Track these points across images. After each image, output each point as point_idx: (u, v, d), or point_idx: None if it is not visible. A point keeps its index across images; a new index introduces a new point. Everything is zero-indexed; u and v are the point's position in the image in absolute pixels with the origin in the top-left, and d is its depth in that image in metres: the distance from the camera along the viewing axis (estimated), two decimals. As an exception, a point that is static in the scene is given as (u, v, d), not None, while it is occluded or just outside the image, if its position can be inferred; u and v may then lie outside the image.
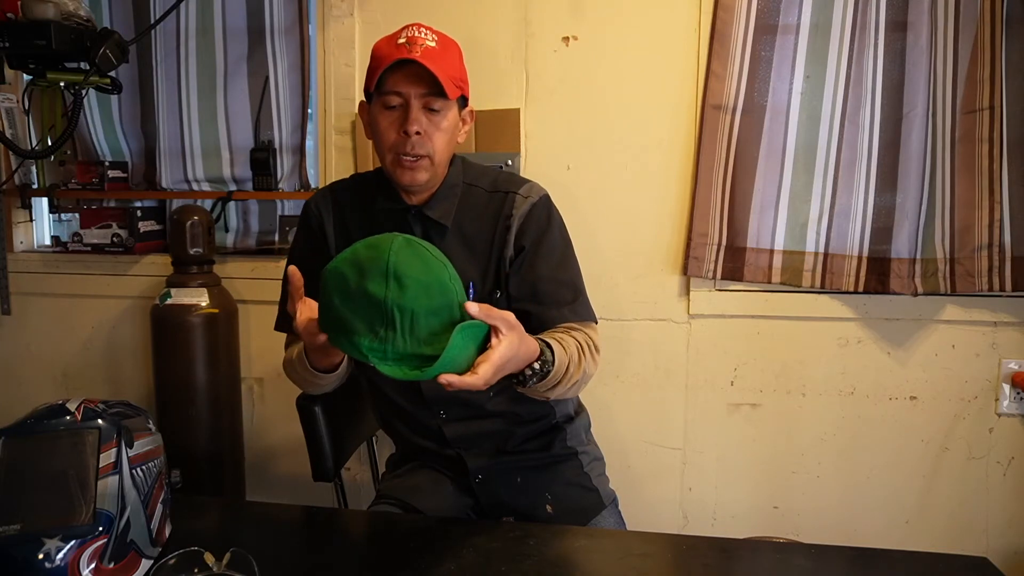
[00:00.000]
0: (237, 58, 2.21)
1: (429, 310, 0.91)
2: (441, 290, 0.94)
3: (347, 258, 0.95)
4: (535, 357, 1.07)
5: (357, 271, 0.92)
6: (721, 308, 1.98)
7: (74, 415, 0.99)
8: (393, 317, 0.90)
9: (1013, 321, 1.88)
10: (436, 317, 0.92)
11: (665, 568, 1.09)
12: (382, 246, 0.93)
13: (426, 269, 0.93)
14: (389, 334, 0.90)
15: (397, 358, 0.91)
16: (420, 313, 0.91)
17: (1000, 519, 1.94)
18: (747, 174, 1.90)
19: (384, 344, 0.90)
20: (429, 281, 0.93)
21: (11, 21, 1.47)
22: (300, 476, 2.05)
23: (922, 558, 1.07)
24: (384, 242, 0.94)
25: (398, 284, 0.90)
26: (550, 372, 1.10)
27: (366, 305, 0.90)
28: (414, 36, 1.23)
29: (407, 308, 0.90)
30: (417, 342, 0.91)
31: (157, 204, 2.36)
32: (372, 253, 0.93)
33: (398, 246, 0.93)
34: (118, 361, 2.32)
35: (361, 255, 0.93)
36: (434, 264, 0.95)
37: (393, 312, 0.90)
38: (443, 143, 1.25)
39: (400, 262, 0.91)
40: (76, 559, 0.89)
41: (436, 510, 1.36)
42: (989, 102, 1.75)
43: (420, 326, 0.91)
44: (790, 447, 2.01)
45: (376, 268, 0.91)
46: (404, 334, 0.90)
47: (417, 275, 0.92)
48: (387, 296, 0.90)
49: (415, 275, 0.91)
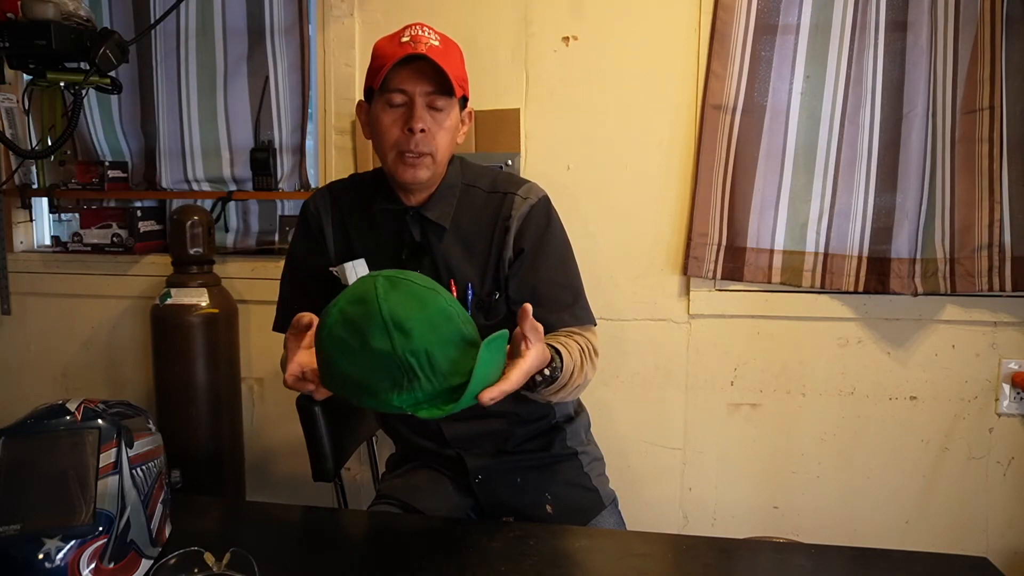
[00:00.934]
0: (237, 58, 2.21)
1: (441, 343, 0.89)
2: (444, 319, 0.91)
3: (338, 320, 0.90)
4: (547, 363, 1.07)
5: (355, 333, 0.88)
6: (721, 308, 1.98)
7: (74, 415, 0.99)
8: (411, 365, 0.87)
9: (1013, 321, 1.88)
10: (450, 346, 0.90)
11: (665, 568, 1.09)
12: (368, 298, 0.88)
13: (421, 305, 0.90)
14: (414, 382, 0.87)
15: (428, 399, 0.89)
16: (434, 350, 0.88)
17: (1000, 519, 1.95)
18: (747, 174, 1.90)
19: (412, 393, 0.88)
20: (429, 316, 0.89)
21: (11, 21, 1.47)
22: (300, 476, 2.05)
23: (922, 558, 1.07)
24: (368, 292, 0.89)
25: (402, 332, 0.86)
26: (558, 378, 1.10)
27: (380, 363, 0.87)
28: (418, 35, 1.23)
29: (420, 351, 0.87)
30: (442, 378, 0.89)
31: (157, 204, 2.36)
32: (362, 308, 0.88)
33: (384, 292, 0.89)
34: (118, 361, 2.32)
35: (351, 314, 0.89)
36: (426, 295, 0.92)
37: (409, 361, 0.87)
38: (445, 142, 1.25)
39: (394, 309, 0.87)
40: (76, 559, 0.89)
41: (436, 510, 1.36)
42: (989, 102, 1.76)
43: (439, 362, 0.88)
44: (790, 447, 2.01)
45: (374, 324, 0.87)
46: (428, 375, 0.88)
47: (416, 315, 0.88)
48: (395, 348, 0.86)
49: (415, 316, 0.88)
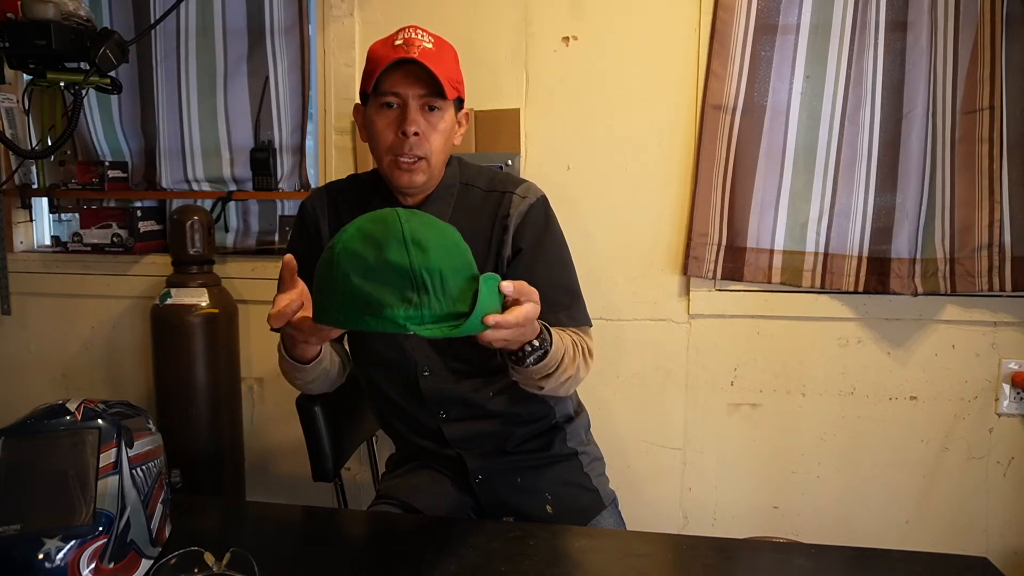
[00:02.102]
0: (237, 58, 2.21)
1: (454, 269, 0.92)
2: (458, 249, 0.95)
3: (355, 235, 0.92)
4: (537, 334, 1.09)
5: (372, 245, 0.90)
6: (721, 308, 1.98)
7: (74, 415, 0.99)
8: (424, 280, 0.89)
9: (1013, 321, 1.88)
10: (460, 275, 0.92)
11: (665, 568, 1.09)
12: (389, 218, 0.92)
13: (439, 232, 0.94)
14: (424, 298, 0.89)
15: (434, 320, 0.90)
16: (447, 272, 0.90)
17: (1000, 519, 1.95)
18: (747, 174, 1.90)
19: (420, 309, 0.89)
20: (446, 242, 0.93)
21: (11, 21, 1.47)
22: (300, 476, 2.05)
23: (922, 558, 1.07)
24: (389, 214, 0.93)
25: (419, 248, 0.89)
26: (548, 353, 1.11)
27: (393, 275, 0.88)
28: (411, 38, 1.23)
29: (435, 269, 0.89)
30: (451, 300, 0.91)
31: (157, 204, 2.36)
32: (382, 226, 0.91)
33: (406, 215, 0.92)
34: (118, 361, 2.32)
35: (370, 229, 0.92)
36: (444, 227, 0.97)
37: (423, 275, 0.88)
38: (440, 144, 1.26)
39: (414, 228, 0.90)
40: (76, 559, 0.89)
41: (436, 510, 1.36)
42: (989, 102, 1.76)
43: (450, 284, 0.91)
44: (790, 447, 2.01)
45: (393, 237, 0.89)
46: (438, 294, 0.90)
47: (434, 238, 0.92)
48: (413, 262, 0.88)
49: (433, 238, 0.91)
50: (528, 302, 0.99)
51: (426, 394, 1.33)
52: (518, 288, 0.98)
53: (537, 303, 1.01)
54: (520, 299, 0.98)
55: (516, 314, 0.96)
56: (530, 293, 1.00)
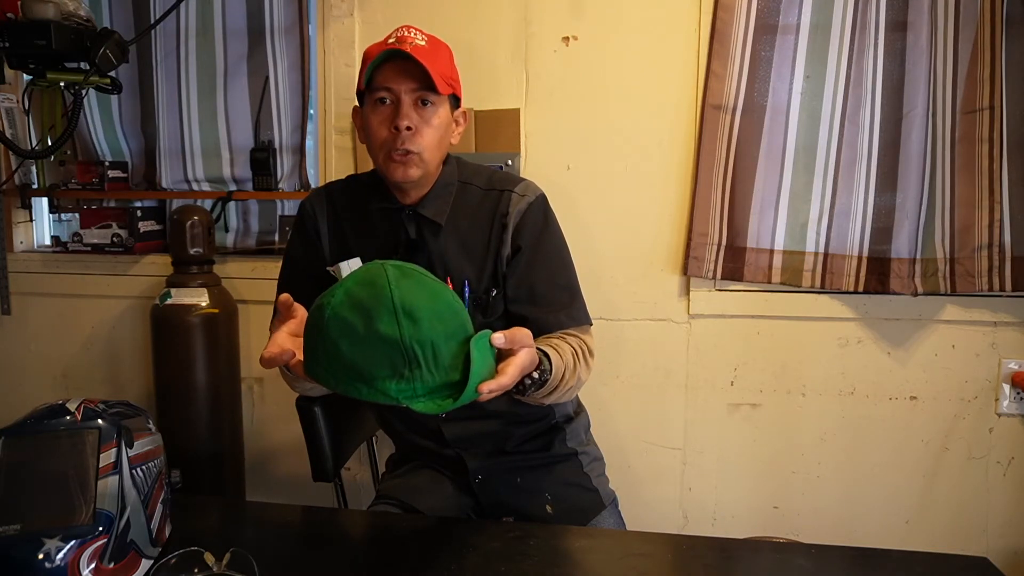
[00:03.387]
0: (237, 58, 2.20)
1: (446, 336, 0.88)
2: (451, 313, 0.91)
3: (343, 302, 0.88)
4: (536, 366, 1.07)
5: (362, 315, 0.86)
6: (721, 308, 1.98)
7: (74, 415, 0.99)
8: (416, 354, 0.86)
9: (1013, 321, 1.88)
10: (454, 340, 0.89)
11: (665, 568, 1.09)
12: (379, 282, 0.88)
13: (431, 296, 0.90)
14: (416, 372, 0.86)
15: (426, 392, 0.88)
16: (440, 342, 0.87)
17: (1000, 519, 1.94)
18: (747, 174, 1.90)
19: (412, 383, 0.86)
20: (438, 307, 0.89)
21: (11, 21, 1.47)
22: (300, 476, 2.05)
23: (922, 558, 1.07)
24: (378, 277, 0.88)
25: (410, 319, 0.86)
26: (547, 381, 1.10)
27: (383, 349, 0.85)
28: (403, 35, 1.23)
29: (426, 341, 0.86)
30: (444, 371, 0.88)
31: (157, 204, 2.36)
32: (371, 291, 0.87)
33: (395, 278, 0.88)
34: (118, 361, 2.32)
35: (359, 295, 0.87)
36: (436, 288, 0.92)
37: (414, 349, 0.85)
38: (434, 140, 1.25)
39: (405, 295, 0.87)
40: (76, 559, 0.89)
41: (436, 510, 1.36)
42: (989, 102, 1.75)
43: (442, 355, 0.88)
44: (790, 447, 2.01)
45: (383, 307, 0.86)
46: (430, 368, 0.87)
47: (426, 304, 0.88)
48: (403, 335, 0.85)
49: (424, 305, 0.87)
50: (522, 349, 0.97)
51: (426, 394, 1.33)
52: (510, 338, 0.95)
53: (532, 347, 0.99)
54: (514, 348, 0.96)
55: (509, 374, 0.94)
56: (523, 339, 0.97)
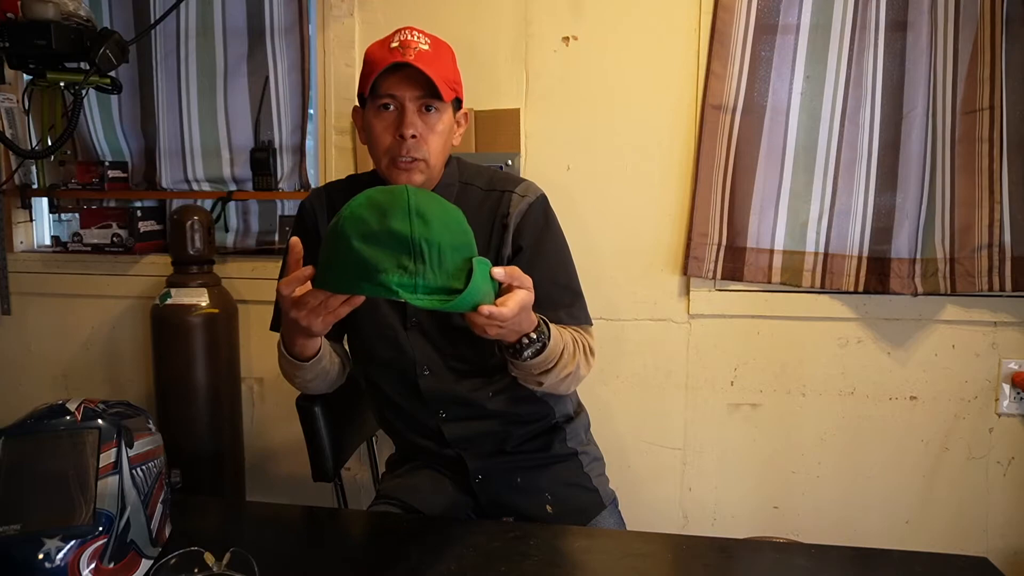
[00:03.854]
0: (237, 58, 2.21)
1: (453, 246, 0.93)
2: (461, 229, 0.96)
3: (362, 203, 0.94)
4: (534, 327, 1.10)
5: (377, 212, 0.91)
6: (721, 308, 1.98)
7: (74, 415, 0.99)
8: (422, 250, 0.90)
9: (1013, 321, 1.88)
10: (459, 253, 0.94)
11: (665, 568, 1.09)
12: (397, 190, 0.94)
13: (444, 210, 0.95)
14: (419, 267, 0.90)
15: (426, 291, 0.91)
16: (446, 248, 0.92)
17: (1000, 519, 1.94)
18: (747, 174, 1.90)
19: (414, 278, 0.90)
20: (449, 220, 0.94)
21: (11, 21, 1.47)
22: (300, 476, 2.05)
23: (922, 558, 1.07)
24: (398, 188, 0.95)
25: (422, 220, 0.91)
26: (546, 346, 1.12)
27: (392, 242, 0.90)
28: (407, 39, 1.23)
29: (434, 242, 0.91)
30: (446, 275, 0.92)
31: (157, 204, 2.36)
32: (389, 196, 0.93)
33: (414, 190, 0.94)
34: (118, 361, 2.32)
35: (378, 198, 0.93)
36: (451, 208, 0.98)
37: (421, 245, 0.90)
38: (438, 145, 1.26)
39: (420, 202, 0.92)
40: (76, 559, 0.89)
41: (436, 510, 1.36)
42: (989, 102, 1.75)
43: (447, 260, 0.92)
44: (790, 447, 2.01)
45: (398, 207, 0.91)
46: (433, 267, 0.91)
47: (438, 213, 0.93)
48: (413, 231, 0.90)
49: (436, 213, 0.93)
50: (520, 288, 1.00)
51: (425, 394, 1.33)
52: (509, 273, 0.99)
53: (530, 289, 1.02)
54: (512, 284, 1.00)
55: (510, 305, 0.98)
56: (522, 279, 1.01)
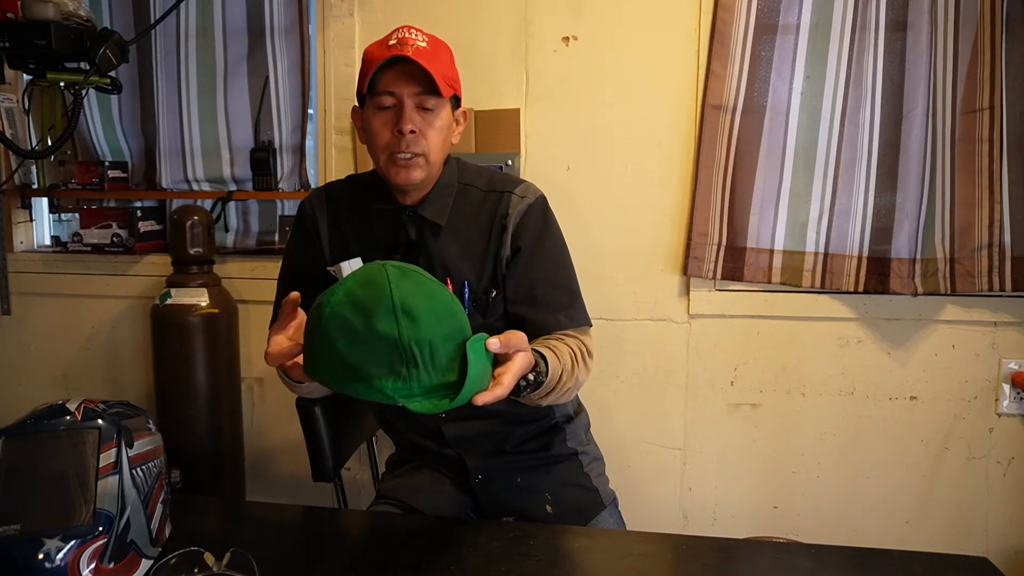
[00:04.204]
0: (237, 58, 2.21)
1: (444, 336, 0.89)
2: (450, 314, 0.91)
3: (343, 300, 0.88)
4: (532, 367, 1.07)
5: (360, 313, 0.87)
6: (721, 308, 1.98)
7: (74, 415, 0.99)
8: (413, 353, 0.86)
9: (1013, 321, 1.88)
10: (451, 342, 0.90)
11: (665, 568, 1.09)
12: (379, 281, 0.88)
13: (430, 296, 0.91)
14: (412, 371, 0.86)
15: (422, 392, 0.88)
16: (437, 342, 0.88)
17: (1000, 519, 1.95)
18: (747, 174, 1.90)
19: (409, 383, 0.87)
20: (436, 308, 0.90)
21: (11, 21, 1.47)
22: (300, 476, 2.05)
23: (922, 558, 1.07)
24: (378, 276, 0.89)
25: (409, 318, 0.86)
26: (543, 383, 1.10)
27: (381, 347, 0.86)
28: (404, 37, 1.23)
29: (424, 340, 0.87)
30: (440, 371, 0.88)
31: (157, 204, 2.36)
32: (371, 291, 0.88)
33: (395, 278, 0.89)
34: (118, 361, 2.32)
35: (359, 295, 0.88)
36: (435, 289, 0.93)
37: (412, 348, 0.86)
38: (437, 142, 1.25)
39: (404, 295, 0.87)
40: (76, 559, 0.89)
41: (436, 510, 1.36)
42: (989, 102, 1.76)
43: (440, 355, 0.88)
44: (790, 447, 2.01)
45: (382, 306, 0.86)
46: (427, 367, 0.87)
47: (425, 304, 0.88)
48: (401, 333, 0.86)
49: (423, 305, 0.88)
50: (518, 354, 0.97)
51: (426, 394, 1.33)
52: (504, 343, 0.95)
53: (527, 351, 0.99)
54: (509, 352, 0.96)
55: (505, 383, 0.94)
56: (518, 343, 0.97)
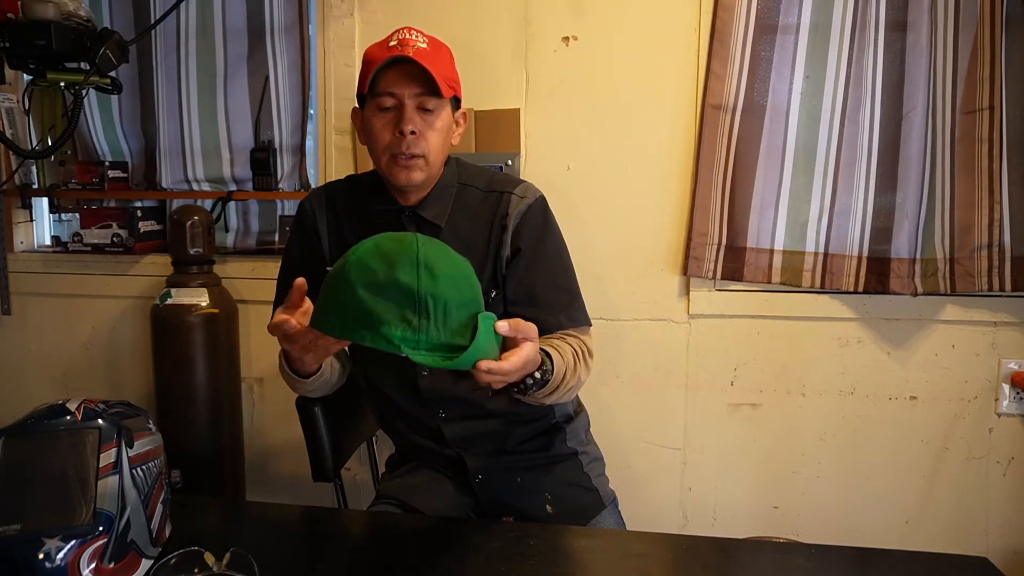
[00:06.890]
0: (237, 58, 2.21)
1: (459, 303, 0.91)
2: (468, 284, 0.94)
3: (371, 250, 0.92)
4: (538, 365, 1.08)
5: (385, 262, 0.90)
6: (721, 308, 1.98)
7: (74, 415, 0.99)
8: (427, 306, 0.88)
9: (1013, 321, 1.88)
10: (465, 310, 0.92)
11: (665, 568, 1.09)
12: (407, 239, 0.92)
13: (453, 263, 0.94)
14: (423, 323, 0.88)
15: (429, 348, 0.90)
16: (452, 305, 0.90)
17: (1000, 519, 1.95)
18: (747, 174, 1.90)
19: (417, 334, 0.88)
20: (457, 274, 0.93)
21: (11, 21, 1.47)
22: (300, 476, 2.05)
23: (922, 558, 1.07)
24: (407, 236, 0.94)
25: (430, 274, 0.89)
26: (549, 381, 1.10)
27: (398, 294, 0.88)
28: (405, 38, 1.23)
29: (440, 298, 0.89)
30: (450, 332, 0.90)
31: (157, 204, 2.36)
32: (398, 246, 0.91)
33: (423, 240, 0.93)
34: (118, 361, 2.32)
35: (386, 247, 0.92)
36: (460, 261, 0.96)
37: (427, 301, 0.88)
38: (438, 143, 1.26)
39: (429, 255, 0.91)
40: (76, 559, 0.89)
41: (436, 510, 1.36)
42: (989, 102, 1.76)
43: (452, 317, 0.90)
44: (790, 447, 2.01)
45: (406, 259, 0.89)
46: (437, 323, 0.89)
47: (446, 268, 0.92)
48: (420, 285, 0.88)
49: (445, 267, 0.91)
50: (526, 342, 0.98)
51: (425, 393, 1.33)
52: (514, 327, 0.97)
53: (536, 340, 1.00)
54: (517, 337, 0.97)
55: (512, 362, 0.96)
56: (527, 330, 0.98)
